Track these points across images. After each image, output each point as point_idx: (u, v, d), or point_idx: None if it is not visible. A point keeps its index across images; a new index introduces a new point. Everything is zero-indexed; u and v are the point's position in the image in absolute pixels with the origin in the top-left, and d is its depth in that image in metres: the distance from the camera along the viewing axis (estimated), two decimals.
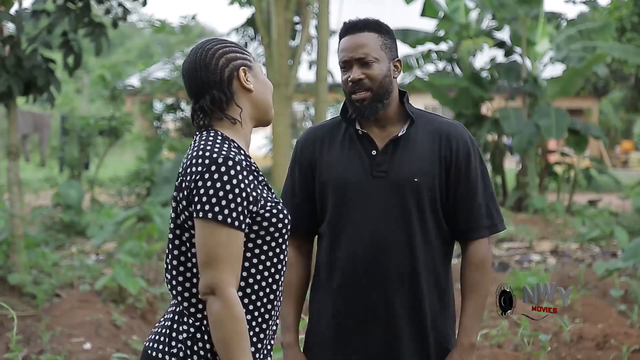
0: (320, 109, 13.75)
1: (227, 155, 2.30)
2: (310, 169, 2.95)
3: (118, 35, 46.65)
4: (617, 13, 18.06)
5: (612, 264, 8.12)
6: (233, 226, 2.28)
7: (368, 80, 2.81)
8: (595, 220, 13.00)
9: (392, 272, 2.84)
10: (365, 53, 2.80)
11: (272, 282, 2.43)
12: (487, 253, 2.90)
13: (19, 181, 7.72)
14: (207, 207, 2.27)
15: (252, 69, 2.47)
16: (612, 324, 6.23)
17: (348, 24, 2.86)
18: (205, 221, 2.28)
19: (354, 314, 2.87)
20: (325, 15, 13.61)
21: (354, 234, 2.85)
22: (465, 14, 17.28)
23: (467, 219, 2.88)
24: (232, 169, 2.29)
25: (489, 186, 2.94)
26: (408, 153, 2.85)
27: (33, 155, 28.66)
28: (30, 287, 7.42)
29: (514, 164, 19.88)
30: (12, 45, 7.31)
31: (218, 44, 2.45)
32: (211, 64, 2.41)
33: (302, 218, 2.96)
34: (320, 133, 2.98)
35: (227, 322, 2.25)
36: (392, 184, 2.83)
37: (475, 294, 2.88)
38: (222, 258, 2.27)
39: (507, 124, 15.79)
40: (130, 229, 10.23)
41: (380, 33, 2.84)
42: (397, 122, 2.90)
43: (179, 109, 16.57)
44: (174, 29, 15.59)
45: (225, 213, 2.27)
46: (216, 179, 2.28)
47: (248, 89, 2.45)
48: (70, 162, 14.76)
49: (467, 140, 2.89)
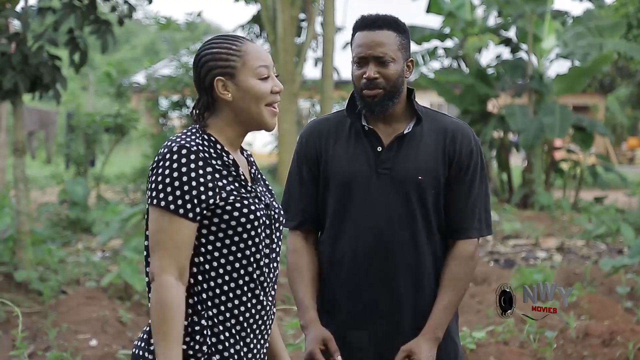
0: (325, 105, 13.75)
1: (182, 144, 2.31)
2: (315, 161, 2.94)
3: (124, 32, 46.65)
4: (623, 10, 18.02)
5: (619, 261, 8.10)
6: (177, 213, 2.28)
7: (383, 80, 2.80)
8: (601, 217, 12.97)
9: (395, 269, 2.84)
10: (383, 52, 2.79)
11: (244, 275, 2.39)
12: (474, 253, 2.89)
13: (25, 178, 7.74)
14: (154, 194, 2.30)
15: (233, 77, 2.41)
16: (619, 321, 6.22)
17: (367, 19, 2.84)
18: (152, 207, 2.31)
19: (357, 310, 2.87)
20: (330, 12, 13.60)
21: (357, 231, 2.85)
22: (471, 11, 17.26)
23: (460, 218, 2.88)
24: (185, 157, 2.30)
25: (485, 187, 2.93)
26: (413, 150, 2.85)
27: (39, 152, 28.72)
28: (36, 284, 7.44)
29: (519, 161, 19.85)
30: (18, 42, 7.32)
31: (206, 50, 2.44)
32: (196, 71, 2.44)
33: (311, 210, 2.95)
34: (325, 126, 2.97)
35: (155, 308, 2.26)
36: (396, 182, 2.84)
37: (452, 289, 2.86)
38: (162, 244, 2.28)
39: (513, 121, 15.77)
40: (136, 226, 10.23)
41: (399, 32, 2.83)
42: (404, 119, 2.90)
43: (185, 106, 16.55)
44: (180, 26, 15.59)
45: (170, 199, 2.28)
46: (167, 166, 2.29)
47: (225, 99, 2.43)
48: (76, 159, 14.77)
49: (472, 141, 2.89)
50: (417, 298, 2.86)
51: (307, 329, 2.88)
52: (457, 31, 17.24)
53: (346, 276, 2.88)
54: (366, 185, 2.85)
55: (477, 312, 7.12)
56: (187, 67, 15.81)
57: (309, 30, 13.90)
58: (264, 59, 2.43)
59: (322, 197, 2.94)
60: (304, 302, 2.91)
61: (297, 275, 2.92)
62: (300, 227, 2.96)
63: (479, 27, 17.22)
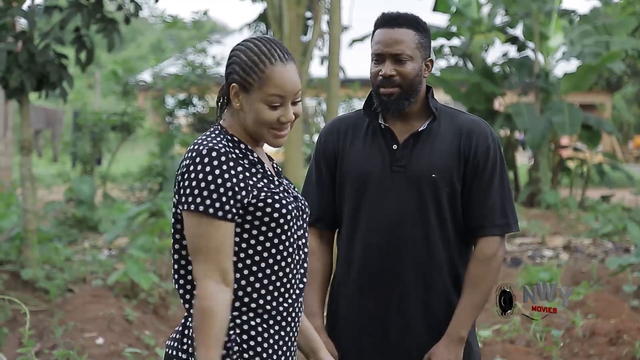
0: (332, 104, 13.73)
1: (211, 147, 2.32)
2: (334, 159, 2.95)
3: (130, 31, 46.70)
4: (630, 8, 17.98)
5: (625, 260, 8.09)
6: (216, 216, 2.29)
7: (399, 78, 2.80)
8: (608, 216, 12.96)
9: (408, 267, 2.84)
10: (400, 50, 2.79)
11: (278, 271, 2.41)
12: (497, 251, 2.87)
13: (32, 176, 7.75)
14: (190, 199, 2.29)
15: (247, 92, 2.40)
16: (625, 320, 6.21)
17: (387, 17, 2.84)
18: (188, 213, 2.31)
19: (369, 308, 2.88)
20: (337, 11, 13.59)
21: (372, 229, 2.86)
22: (478, 9, 17.24)
23: (480, 216, 2.86)
24: (216, 160, 2.30)
25: (506, 186, 2.92)
26: (428, 148, 2.85)
27: (46, 151, 28.76)
28: (42, 282, 7.45)
29: (526, 159, 19.83)
30: (24, 41, 7.33)
31: (239, 51, 2.42)
32: (226, 62, 2.45)
33: (327, 207, 2.96)
34: (344, 124, 2.98)
35: (198, 314, 2.27)
36: (410, 179, 2.84)
37: (475, 289, 2.85)
38: (203, 250, 2.29)
39: (520, 120, 15.75)
40: (142, 224, 10.24)
41: (418, 31, 2.83)
42: (421, 117, 2.90)
43: (191, 105, 16.58)
44: (186, 24, 15.57)
45: (207, 203, 2.28)
46: (199, 170, 2.29)
47: (234, 106, 2.43)
48: (83, 157, 14.79)
49: (488, 137, 2.89)
50: (428, 296, 2.86)
51: None
52: (463, 29, 17.22)
53: (359, 273, 2.88)
54: (380, 183, 2.85)
55: (483, 310, 7.11)
56: (194, 65, 15.82)
57: (315, 29, 13.89)
58: (283, 88, 2.38)
59: (339, 195, 2.95)
60: (313, 307, 2.92)
61: (309, 279, 2.92)
62: (316, 224, 2.97)
63: (485, 25, 17.20)
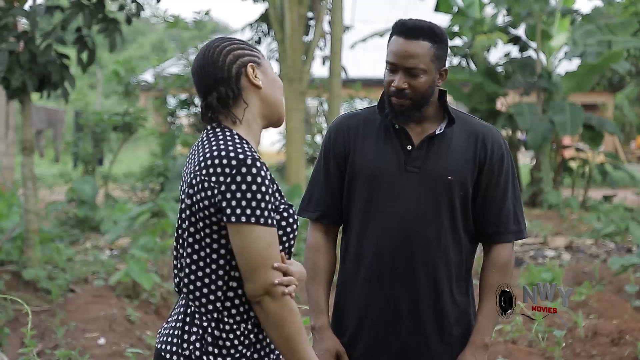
0: (333, 104, 13.73)
1: (253, 156, 2.29)
2: (343, 156, 2.94)
3: (132, 31, 46.74)
4: (633, 8, 17.96)
5: (627, 260, 8.08)
6: (273, 225, 2.29)
7: (410, 91, 2.79)
8: (610, 216, 12.94)
9: (419, 267, 2.84)
10: (414, 64, 2.77)
11: None
12: (511, 257, 2.92)
13: (34, 176, 7.75)
14: (248, 211, 2.26)
15: (260, 66, 2.44)
16: (627, 320, 6.20)
17: (405, 26, 2.80)
18: (244, 225, 2.26)
19: (378, 307, 2.87)
20: (338, 11, 13.59)
21: (383, 227, 2.85)
22: (480, 9, 17.23)
23: (495, 222, 2.89)
24: (262, 170, 2.29)
25: (518, 192, 2.95)
26: (443, 151, 2.85)
27: (47, 151, 28.80)
28: (44, 282, 7.46)
29: (528, 160, 19.81)
30: (26, 41, 7.33)
31: (226, 42, 2.44)
32: (218, 61, 2.39)
33: (335, 203, 2.95)
34: (354, 122, 2.96)
35: (290, 319, 2.28)
36: (425, 180, 2.83)
37: (493, 295, 2.88)
38: (270, 258, 2.28)
39: (522, 120, 15.73)
40: (144, 225, 10.24)
41: (434, 42, 2.79)
42: (435, 120, 2.90)
43: (193, 105, 16.59)
44: (188, 24, 15.58)
45: (266, 215, 2.27)
46: (250, 182, 2.26)
47: (256, 85, 2.42)
48: (84, 157, 14.79)
49: (502, 144, 2.90)
50: (437, 297, 2.86)
51: (318, 333, 2.91)
52: (465, 29, 17.20)
53: (369, 272, 2.87)
54: (394, 182, 2.85)
55: None
56: None
57: (317, 29, 13.89)
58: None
59: (348, 192, 2.93)
60: (319, 304, 2.92)
61: (314, 275, 2.92)
62: (321, 220, 2.96)
63: (487, 25, 17.19)
